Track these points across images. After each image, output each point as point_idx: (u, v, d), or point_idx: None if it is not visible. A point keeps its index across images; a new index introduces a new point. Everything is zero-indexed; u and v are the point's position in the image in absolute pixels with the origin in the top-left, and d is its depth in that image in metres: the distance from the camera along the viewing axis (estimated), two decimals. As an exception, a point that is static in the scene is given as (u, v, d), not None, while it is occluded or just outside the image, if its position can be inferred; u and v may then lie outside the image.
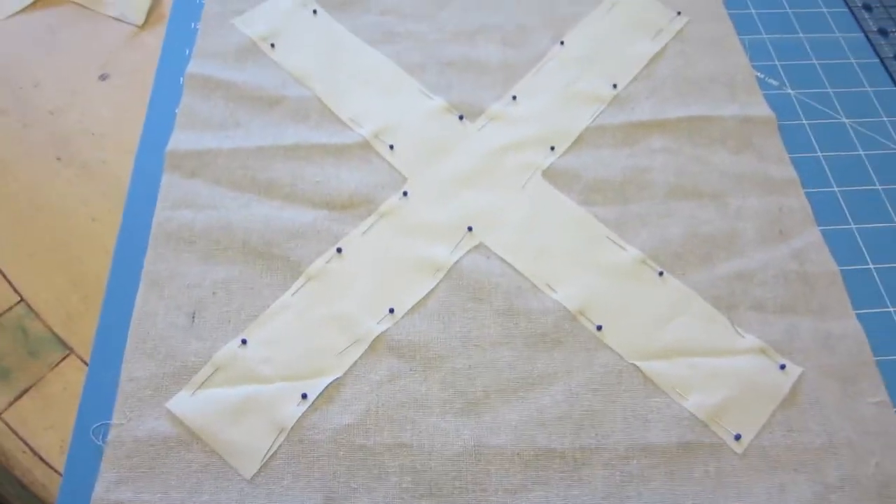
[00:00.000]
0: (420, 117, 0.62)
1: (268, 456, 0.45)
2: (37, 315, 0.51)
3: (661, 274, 0.54)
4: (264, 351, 0.49)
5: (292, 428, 0.46)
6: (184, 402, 0.47)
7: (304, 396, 0.47)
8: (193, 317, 0.51)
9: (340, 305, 0.51)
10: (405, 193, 0.57)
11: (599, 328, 0.51)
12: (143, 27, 0.69)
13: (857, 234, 0.57)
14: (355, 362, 0.49)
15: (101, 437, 0.46)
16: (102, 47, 0.68)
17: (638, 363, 0.50)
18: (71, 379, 0.49)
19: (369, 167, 0.59)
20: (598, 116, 0.62)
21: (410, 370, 0.49)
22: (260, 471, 0.45)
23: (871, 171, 0.60)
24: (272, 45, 0.66)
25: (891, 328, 0.52)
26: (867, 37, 0.70)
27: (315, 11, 0.69)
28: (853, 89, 0.66)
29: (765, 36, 0.70)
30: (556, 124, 0.61)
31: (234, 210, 0.56)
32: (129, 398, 0.47)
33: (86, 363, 0.49)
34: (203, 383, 0.48)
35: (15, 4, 0.70)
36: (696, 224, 0.56)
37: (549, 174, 0.59)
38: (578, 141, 0.61)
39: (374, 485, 0.45)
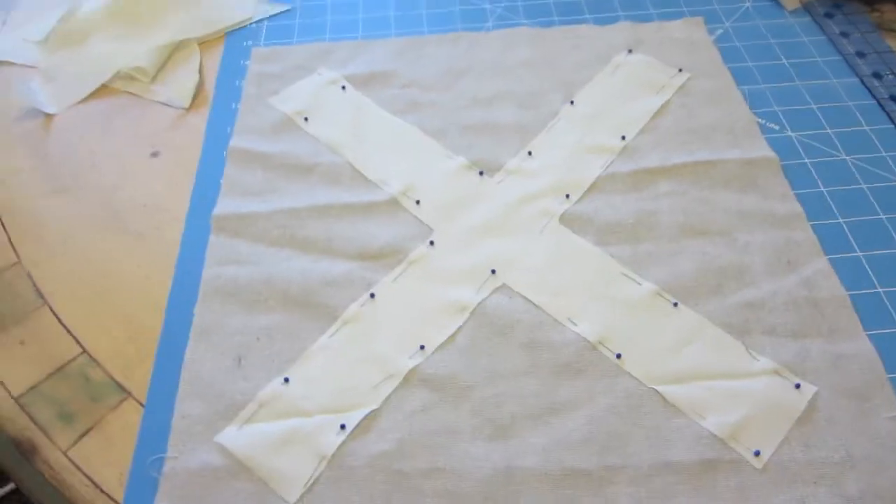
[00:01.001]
0: (443, 175, 0.67)
1: (310, 482, 0.48)
2: (98, 364, 0.56)
3: (675, 305, 0.57)
4: (305, 388, 0.53)
5: (332, 456, 0.50)
6: (232, 436, 0.51)
7: (343, 427, 0.51)
8: (239, 360, 0.55)
9: (374, 345, 0.55)
10: (432, 243, 0.61)
11: (619, 356, 0.54)
12: (188, 110, 0.76)
13: (864, 260, 0.59)
14: (389, 395, 0.53)
15: (156, 470, 0.49)
16: (152, 129, 0.74)
17: (657, 387, 0.52)
18: (129, 419, 0.53)
19: (397, 221, 0.63)
20: (608, 166, 0.67)
21: (441, 400, 0.52)
22: (303, 496, 0.48)
23: (874, 202, 0.63)
24: (305, 119, 0.72)
25: (902, 346, 0.54)
26: (862, 81, 0.74)
27: (344, 87, 0.75)
28: (852, 129, 0.69)
29: (763, 86, 0.74)
30: (570, 174, 0.66)
31: (273, 264, 0.60)
32: (181, 434, 0.51)
33: (142, 405, 0.53)
34: (249, 419, 0.51)
35: (74, 96, 0.78)
36: (707, 259, 0.59)
37: (565, 219, 0.63)
38: (591, 189, 0.65)
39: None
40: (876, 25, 0.80)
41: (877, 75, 0.74)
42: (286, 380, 0.53)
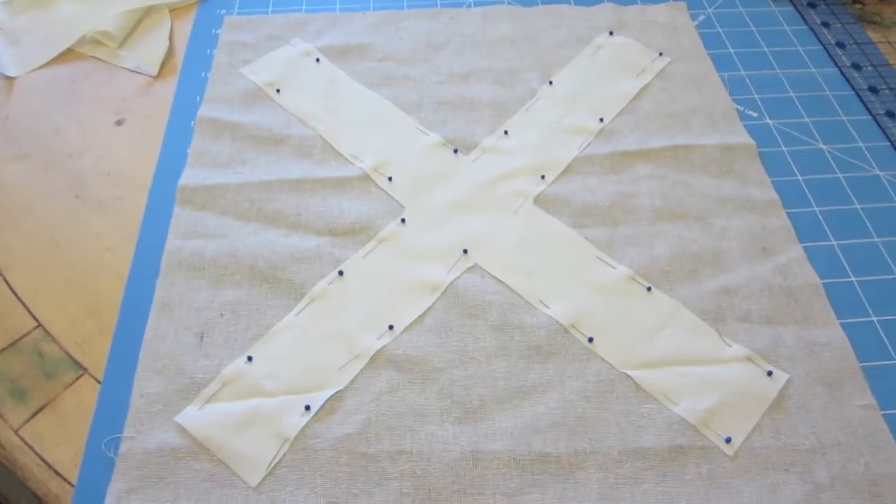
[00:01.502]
0: (417, 151, 0.65)
1: (272, 464, 0.47)
2: (53, 338, 0.54)
3: (649, 289, 0.56)
4: (269, 367, 0.51)
5: (296, 438, 0.48)
6: (192, 416, 0.49)
7: (308, 408, 0.49)
8: (202, 337, 0.53)
9: (342, 323, 0.54)
10: (403, 220, 0.60)
11: (591, 340, 0.53)
12: (157, 78, 0.74)
13: (838, 249, 0.59)
14: (356, 376, 0.51)
15: (112, 450, 0.48)
16: (119, 96, 0.72)
17: (629, 372, 0.51)
18: (84, 397, 0.51)
19: (369, 197, 0.62)
20: (585, 148, 0.65)
21: (409, 382, 0.51)
22: (265, 479, 0.47)
23: (849, 192, 0.63)
24: (277, 91, 0.70)
25: (875, 336, 0.54)
26: (841, 71, 0.73)
27: (318, 59, 0.73)
28: (829, 118, 0.69)
29: (743, 73, 0.73)
30: (546, 155, 0.65)
31: (241, 238, 0.58)
32: (139, 413, 0.49)
33: (99, 382, 0.51)
34: (210, 398, 0.50)
35: (38, 59, 0.75)
36: (683, 243, 0.59)
37: (540, 200, 0.62)
38: (567, 170, 0.64)
39: (375, 490, 0.46)
40: (857, 17, 0.80)
41: (856, 66, 0.74)
42: (250, 358, 0.52)
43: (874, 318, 0.55)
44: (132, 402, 0.50)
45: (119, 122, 0.69)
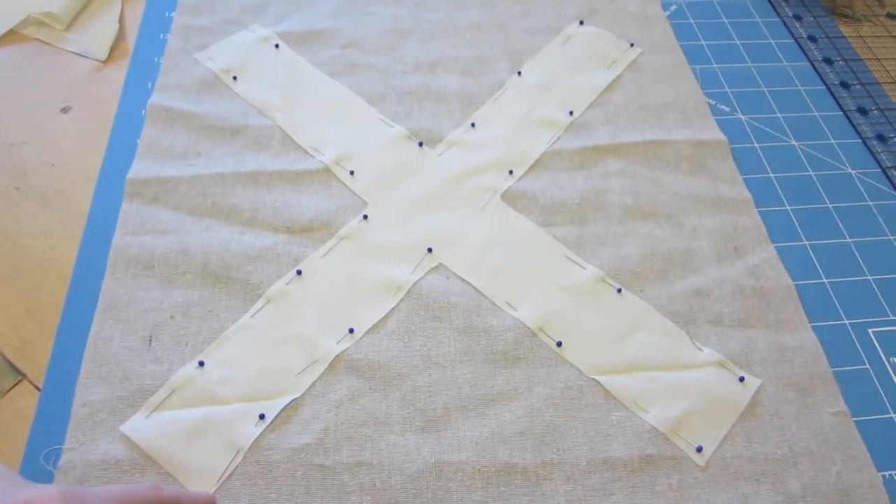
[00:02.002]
0: (380, 144, 0.62)
1: (224, 477, 0.45)
2: (-11, 342, 0.50)
3: (619, 291, 0.54)
4: (222, 372, 0.49)
5: (249, 448, 0.46)
6: (138, 425, 0.46)
7: (262, 417, 0.47)
8: (150, 340, 0.50)
9: (300, 326, 0.51)
10: (365, 217, 0.57)
11: (559, 344, 0.51)
12: (105, 62, 0.70)
13: (810, 250, 0.58)
14: (314, 382, 0.49)
15: (52, 462, 0.45)
16: (65, 81, 0.68)
17: (598, 378, 0.50)
18: (22, 405, 0.47)
19: (330, 192, 0.59)
20: (555, 142, 0.63)
21: (370, 389, 0.49)
22: (216, 492, 0.44)
23: (821, 191, 0.62)
24: (234, 78, 0.67)
25: (846, 340, 0.53)
26: (813, 66, 0.72)
27: (277, 45, 0.70)
28: (801, 114, 0.68)
29: (715, 66, 0.72)
30: (514, 149, 0.63)
31: (193, 234, 0.55)
32: (82, 422, 0.46)
33: (38, 389, 0.48)
34: (159, 406, 0.47)
35: (-23, 41, 0.71)
36: (653, 243, 0.57)
37: (508, 197, 0.59)
38: (536, 165, 0.62)
39: (333, 504, 0.44)
40: (828, 10, 0.79)
41: (827, 61, 0.73)
42: (201, 363, 0.49)
43: (846, 322, 0.54)
44: (74, 410, 0.47)
45: (64, 110, 0.66)
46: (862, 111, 0.68)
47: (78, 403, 0.47)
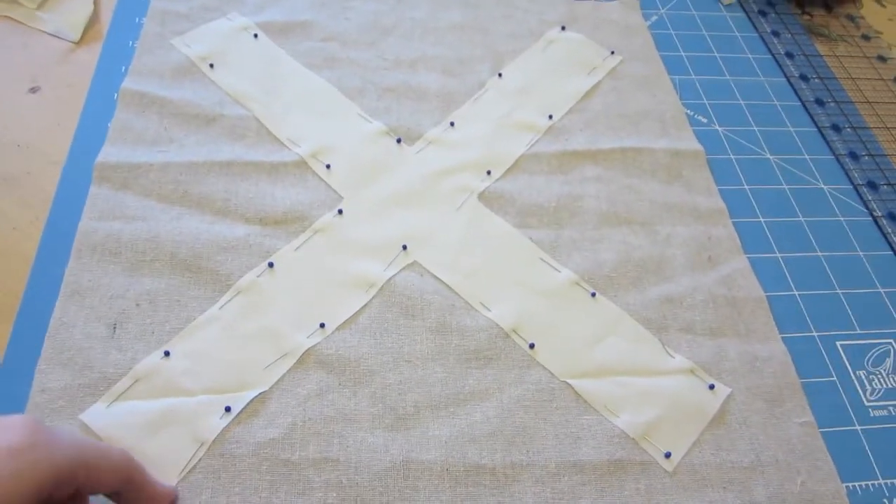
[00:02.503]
0: (358, 139, 0.62)
1: (186, 470, 0.43)
2: (-55, 324, 0.49)
3: (593, 295, 0.54)
4: (188, 363, 0.48)
5: (214, 441, 0.44)
6: (99, 414, 0.45)
7: (228, 409, 0.46)
8: (115, 328, 0.49)
9: (269, 319, 0.50)
10: (340, 211, 0.57)
11: (532, 346, 0.51)
12: (78, 44, 0.68)
13: (782, 262, 0.58)
14: (283, 376, 0.48)
15: (6, 449, 0.43)
16: (35, 62, 0.66)
17: (570, 381, 0.49)
18: (-23, 390, 0.46)
19: (305, 185, 0.58)
20: (533, 145, 0.63)
21: (339, 385, 0.48)
22: (177, 485, 0.43)
23: (794, 204, 0.62)
24: (211, 66, 0.65)
25: (815, 351, 0.53)
26: (789, 82, 0.73)
27: (256, 35, 0.69)
28: (777, 128, 0.68)
29: (694, 77, 0.72)
30: (493, 150, 0.62)
31: (163, 222, 0.54)
32: (40, 409, 0.45)
33: (-5, 374, 0.46)
34: (121, 395, 0.46)
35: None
36: (628, 249, 0.57)
37: (485, 197, 0.59)
38: (514, 167, 0.61)
39: (298, 500, 0.43)
40: (805, 28, 0.80)
41: (804, 77, 0.74)
42: (167, 353, 0.48)
43: (815, 334, 0.54)
44: (31, 396, 0.45)
45: (33, 90, 0.64)
46: (836, 128, 0.69)
47: (36, 390, 0.45)
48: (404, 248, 0.55)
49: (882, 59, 0.77)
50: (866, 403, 0.51)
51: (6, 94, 0.63)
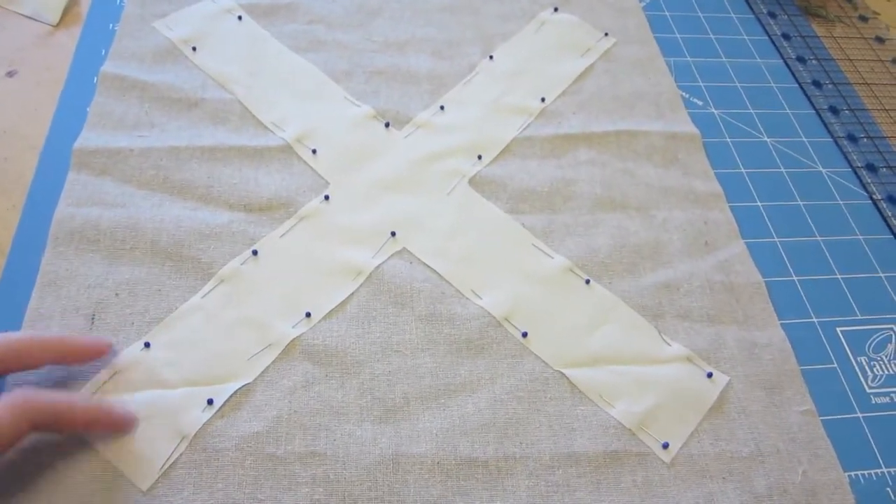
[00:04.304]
0: (345, 123, 0.60)
1: (167, 465, 0.42)
2: (-85, 315, 0.47)
3: (587, 282, 0.52)
4: (169, 354, 0.46)
5: (195, 435, 0.43)
6: (76, 408, 0.43)
7: (210, 402, 0.44)
8: (93, 318, 0.47)
9: (254, 309, 0.49)
10: (326, 197, 0.55)
11: (525, 335, 0.49)
12: (57, 26, 0.66)
13: (780, 247, 0.57)
14: (267, 367, 0.46)
15: (-21, 445, 0.41)
16: (11, 45, 0.64)
17: (564, 370, 0.48)
18: (-51, 384, 0.44)
19: (290, 171, 0.56)
20: (525, 128, 0.62)
21: (326, 376, 0.46)
22: (158, 481, 0.41)
23: (792, 188, 0.61)
24: (193, 49, 0.64)
25: (814, 338, 0.52)
26: (786, 63, 0.72)
27: (240, 17, 0.67)
28: (774, 111, 0.67)
29: (689, 59, 0.71)
30: (484, 134, 0.61)
31: (143, 209, 0.52)
32: (14, 403, 0.43)
33: (-32, 367, 0.45)
34: (99, 388, 0.44)
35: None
36: (623, 235, 0.56)
37: (476, 182, 0.57)
38: (506, 151, 0.60)
39: (283, 496, 0.42)
40: (802, 10, 0.78)
41: (801, 59, 0.72)
42: (147, 344, 0.46)
43: (814, 320, 0.53)
44: (7, 388, 0.43)
45: (10, 74, 0.62)
46: (833, 110, 0.67)
47: (10, 383, 0.44)
48: (393, 234, 0.53)
49: (880, 40, 0.75)
50: (868, 390, 0.50)
51: (-19, 79, 0.61)
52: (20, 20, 0.66)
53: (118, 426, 0.42)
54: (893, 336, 0.53)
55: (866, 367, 0.51)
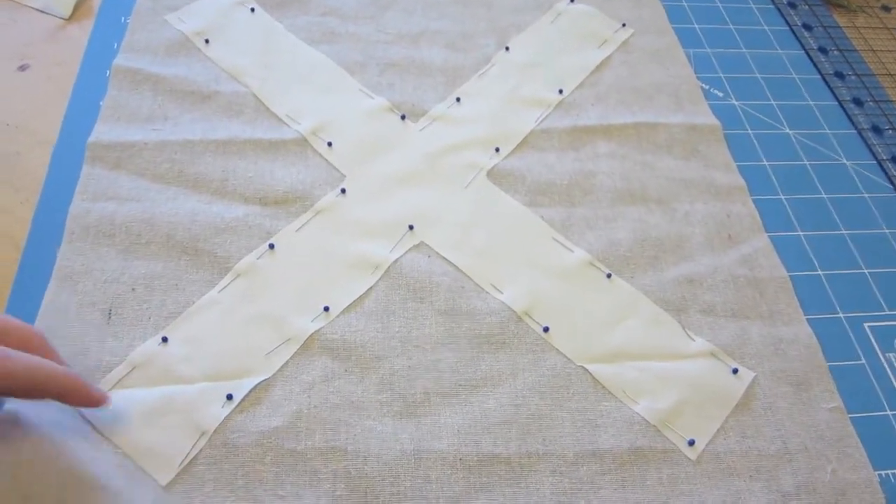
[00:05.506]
0: (360, 116, 0.59)
1: (187, 461, 0.41)
2: (-70, 310, 0.46)
3: (609, 276, 0.52)
4: (187, 349, 0.45)
5: (215, 431, 0.42)
6: (93, 404, 0.42)
7: (230, 397, 0.43)
8: (110, 314, 0.46)
9: (271, 303, 0.48)
10: (343, 191, 0.54)
11: (546, 330, 0.48)
12: (69, 20, 0.65)
13: (804, 240, 0.56)
14: (286, 362, 0.45)
15: None
16: (24, 38, 0.63)
17: (586, 366, 0.47)
18: (-35, 379, 0.43)
19: (306, 164, 0.56)
20: (543, 120, 0.61)
21: (345, 371, 0.46)
22: (177, 477, 0.41)
23: (816, 181, 0.60)
24: (206, 41, 0.63)
25: (841, 333, 0.51)
26: (808, 54, 0.70)
27: (253, 10, 0.66)
28: (796, 102, 0.66)
29: (709, 50, 0.70)
30: (501, 126, 0.60)
31: (159, 203, 0.52)
32: (30, 399, 0.42)
33: (-17, 362, 0.44)
34: (118, 383, 0.43)
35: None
36: (644, 228, 0.55)
37: (494, 175, 0.57)
38: (523, 143, 0.59)
39: (304, 492, 0.41)
40: (823, -1, 0.77)
41: (823, 50, 0.71)
42: (164, 339, 0.45)
43: (841, 315, 0.52)
44: None
45: (22, 68, 0.61)
46: (857, 102, 0.66)
47: None
48: (411, 228, 0.52)
49: (902, 30, 0.74)
50: (897, 387, 0.49)
51: (-6, 72, 0.60)
52: (32, 14, 0.66)
53: (91, 401, 0.40)
54: (922, 331, 0.52)
55: (895, 363, 0.50)
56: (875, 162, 0.62)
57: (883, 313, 0.52)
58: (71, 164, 0.54)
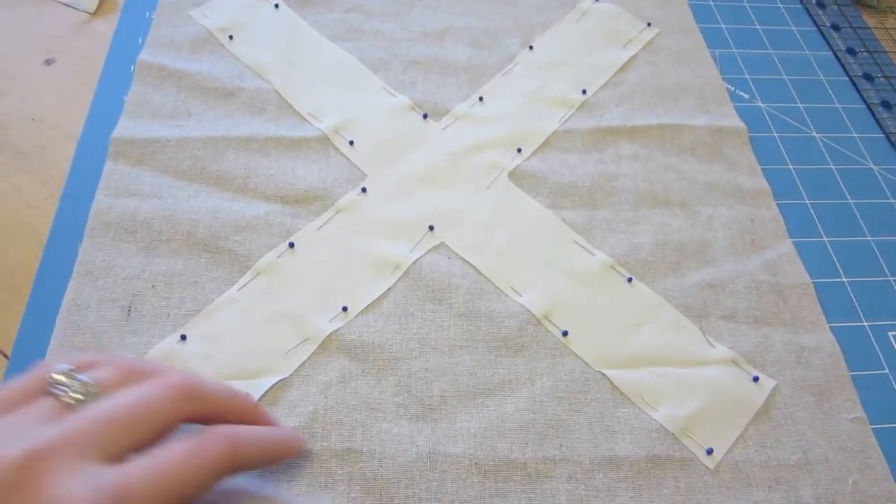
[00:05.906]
0: (382, 114, 0.59)
1: (203, 460, 0.41)
2: (-46, 304, 0.47)
3: (630, 280, 0.51)
4: (205, 347, 0.46)
5: (231, 430, 0.42)
6: (112, 401, 0.43)
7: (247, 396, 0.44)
8: (129, 310, 0.47)
9: (290, 302, 0.48)
10: (364, 190, 0.54)
11: (565, 334, 0.48)
12: (94, 15, 0.66)
13: (829, 247, 0.55)
14: (303, 362, 0.46)
15: (17, 436, 0.41)
16: (49, 33, 0.64)
17: (605, 371, 0.47)
18: (-12, 374, 0.44)
19: (327, 162, 0.56)
20: (566, 120, 0.60)
21: (363, 372, 0.46)
22: (193, 476, 0.41)
23: (842, 186, 0.59)
24: (230, 37, 0.63)
25: (865, 342, 0.50)
26: (836, 56, 0.69)
27: (277, 6, 0.66)
28: (823, 105, 0.65)
29: (735, 50, 0.69)
30: (524, 126, 0.59)
31: (180, 200, 0.52)
32: (51, 395, 0.43)
33: (7, 357, 0.45)
34: (135, 381, 0.44)
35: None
36: (667, 232, 0.54)
37: (516, 176, 0.56)
38: (546, 144, 0.59)
39: (320, 493, 0.41)
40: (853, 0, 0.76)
41: (851, 51, 0.70)
42: (183, 337, 0.46)
43: (865, 324, 0.51)
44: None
45: (48, 62, 0.62)
46: (886, 105, 0.65)
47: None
48: (431, 228, 0.52)
49: (935, 32, 0.73)
50: (921, 398, 0.48)
51: (20, 67, 0.61)
52: (58, 8, 0.66)
53: (289, 450, 0.41)
54: (948, 341, 0.51)
55: (920, 374, 0.49)
56: (904, 167, 0.61)
57: (909, 323, 0.51)
58: (95, 158, 0.54)
